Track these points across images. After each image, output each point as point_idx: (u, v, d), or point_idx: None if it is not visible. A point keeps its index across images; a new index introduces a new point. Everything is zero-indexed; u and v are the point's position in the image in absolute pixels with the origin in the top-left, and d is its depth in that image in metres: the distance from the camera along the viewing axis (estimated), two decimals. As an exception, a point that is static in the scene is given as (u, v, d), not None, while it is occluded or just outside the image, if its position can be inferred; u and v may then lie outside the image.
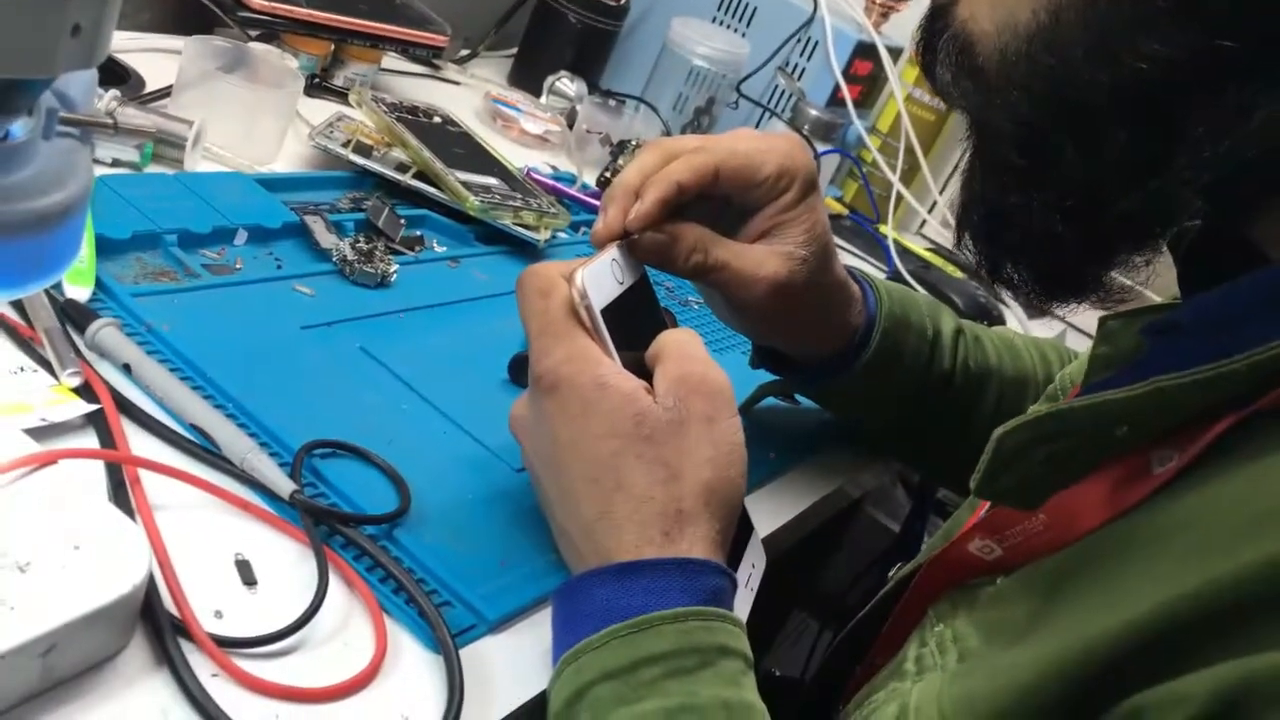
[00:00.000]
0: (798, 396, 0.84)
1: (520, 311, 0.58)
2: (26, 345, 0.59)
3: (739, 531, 0.60)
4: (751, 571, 0.62)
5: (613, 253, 0.60)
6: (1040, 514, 0.48)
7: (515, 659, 0.55)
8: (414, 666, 0.52)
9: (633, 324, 0.59)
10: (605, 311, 0.57)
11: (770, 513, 0.76)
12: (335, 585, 0.53)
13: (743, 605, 0.59)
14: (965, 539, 0.52)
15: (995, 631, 0.47)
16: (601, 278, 0.58)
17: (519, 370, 0.75)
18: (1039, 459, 0.47)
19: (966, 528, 0.54)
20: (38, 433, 0.52)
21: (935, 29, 0.51)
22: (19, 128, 0.36)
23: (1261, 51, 0.41)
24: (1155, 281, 0.54)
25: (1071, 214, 0.47)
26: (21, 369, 0.57)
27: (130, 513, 0.51)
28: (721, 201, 0.66)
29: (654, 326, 0.60)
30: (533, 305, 0.57)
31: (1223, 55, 0.41)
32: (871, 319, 0.73)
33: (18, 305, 0.60)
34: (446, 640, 0.52)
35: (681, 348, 0.58)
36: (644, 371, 0.57)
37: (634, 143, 1.11)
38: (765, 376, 0.81)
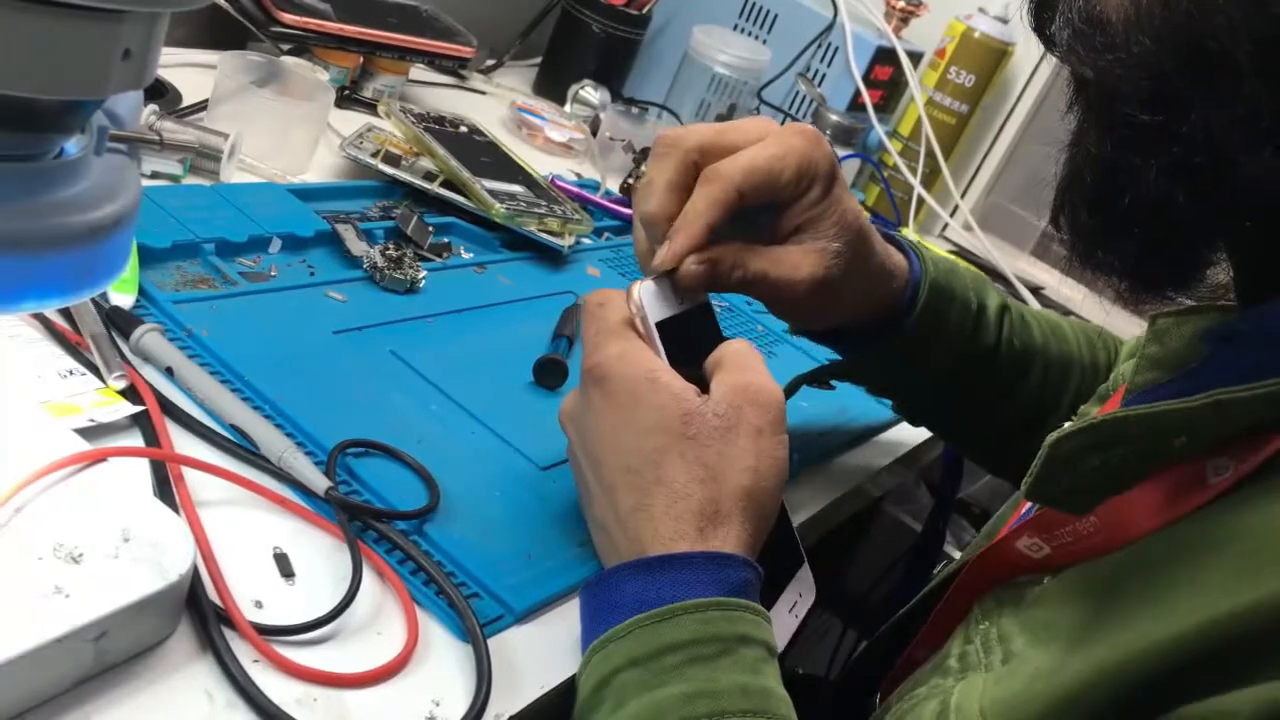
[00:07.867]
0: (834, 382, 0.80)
1: (582, 323, 0.60)
2: (75, 350, 0.61)
3: (788, 560, 0.62)
4: (798, 600, 0.62)
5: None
6: (1091, 516, 0.47)
7: (541, 648, 0.57)
8: (444, 655, 0.54)
9: (691, 344, 0.60)
10: (662, 326, 0.59)
11: (791, 510, 0.77)
12: (368, 577, 0.55)
13: (785, 632, 0.60)
14: (1014, 536, 0.52)
15: (1041, 633, 0.47)
16: (661, 294, 0.60)
17: (543, 372, 0.77)
18: (1092, 465, 0.46)
19: (1014, 525, 0.54)
20: (87, 432, 0.55)
21: None
22: (73, 145, 0.39)
23: None
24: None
25: (1192, 177, 0.44)
26: (71, 372, 0.59)
27: (175, 508, 0.54)
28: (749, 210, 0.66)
29: (712, 349, 0.60)
30: (591, 313, 0.59)
31: None
32: (916, 284, 0.72)
33: (66, 312, 0.63)
34: (475, 630, 0.54)
35: (742, 358, 0.59)
36: (700, 385, 0.57)
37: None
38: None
